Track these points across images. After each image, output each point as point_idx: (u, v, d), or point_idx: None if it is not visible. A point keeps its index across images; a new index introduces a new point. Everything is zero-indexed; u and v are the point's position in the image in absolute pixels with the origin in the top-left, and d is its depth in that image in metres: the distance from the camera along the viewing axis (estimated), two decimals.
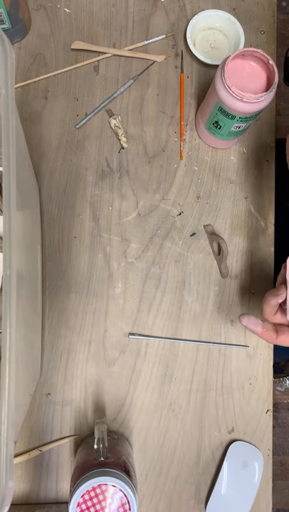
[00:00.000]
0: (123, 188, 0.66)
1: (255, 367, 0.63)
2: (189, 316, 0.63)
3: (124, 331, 0.62)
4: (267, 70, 0.55)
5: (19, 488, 0.59)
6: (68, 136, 0.67)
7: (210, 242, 0.65)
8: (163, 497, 0.60)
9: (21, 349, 0.41)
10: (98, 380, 0.61)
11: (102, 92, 0.68)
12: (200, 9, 0.71)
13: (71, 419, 0.60)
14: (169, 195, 0.66)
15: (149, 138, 0.67)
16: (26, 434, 0.60)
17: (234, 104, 0.54)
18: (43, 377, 0.61)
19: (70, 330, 0.62)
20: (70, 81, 0.68)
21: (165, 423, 0.61)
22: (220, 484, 0.59)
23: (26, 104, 0.67)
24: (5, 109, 0.35)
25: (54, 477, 0.59)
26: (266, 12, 0.72)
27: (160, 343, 0.62)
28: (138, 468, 0.60)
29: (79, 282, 0.63)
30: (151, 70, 0.69)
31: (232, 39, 0.69)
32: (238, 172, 0.67)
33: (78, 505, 0.46)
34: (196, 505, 0.60)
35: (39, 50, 0.68)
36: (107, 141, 0.67)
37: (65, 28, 0.70)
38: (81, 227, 0.64)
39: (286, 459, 1.44)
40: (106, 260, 0.64)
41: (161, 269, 0.64)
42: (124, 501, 0.47)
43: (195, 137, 0.68)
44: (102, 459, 0.49)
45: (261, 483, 0.60)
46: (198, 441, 0.61)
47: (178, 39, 0.70)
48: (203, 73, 0.70)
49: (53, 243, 0.64)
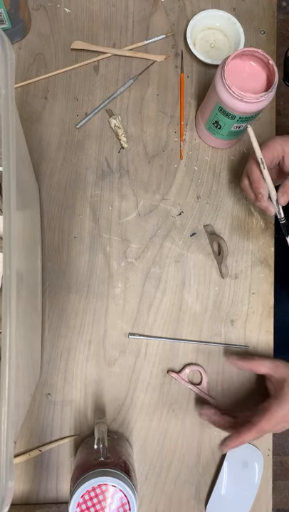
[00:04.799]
0: (123, 188, 0.66)
1: None
2: (189, 316, 0.63)
3: (124, 331, 0.62)
4: (267, 70, 0.55)
5: (19, 488, 0.59)
6: (68, 136, 0.67)
7: (210, 242, 0.65)
8: (163, 497, 0.60)
9: (21, 349, 0.41)
10: (98, 380, 0.61)
11: (102, 92, 0.68)
12: (200, 9, 0.71)
13: (71, 419, 0.60)
14: (169, 195, 0.66)
15: (149, 138, 0.67)
16: (26, 434, 0.59)
17: (234, 104, 0.54)
18: (43, 377, 0.61)
19: (70, 330, 0.62)
20: (70, 81, 0.68)
21: (165, 423, 0.61)
22: (220, 484, 0.59)
23: (26, 104, 0.67)
24: (5, 109, 0.35)
25: (54, 477, 0.59)
26: (266, 12, 0.72)
27: (160, 343, 0.62)
28: (138, 468, 0.60)
29: (79, 282, 0.63)
30: (151, 69, 0.69)
31: (232, 39, 0.69)
32: (238, 172, 0.67)
33: (78, 505, 0.46)
34: (196, 505, 0.60)
35: (39, 50, 0.68)
36: (107, 141, 0.67)
37: (65, 28, 0.69)
38: (81, 227, 0.64)
39: (286, 459, 1.44)
40: (106, 260, 0.64)
41: (161, 269, 0.64)
42: (124, 501, 0.47)
43: (195, 137, 0.68)
44: (102, 459, 0.49)
45: (261, 483, 0.60)
46: (198, 441, 0.61)
47: (178, 39, 0.70)
48: (203, 73, 0.70)
49: (53, 243, 0.64)
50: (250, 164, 0.54)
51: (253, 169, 0.53)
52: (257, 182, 0.53)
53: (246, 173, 0.55)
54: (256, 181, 0.53)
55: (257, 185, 0.53)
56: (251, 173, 0.54)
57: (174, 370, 0.62)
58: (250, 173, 0.54)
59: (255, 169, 0.53)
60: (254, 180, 0.53)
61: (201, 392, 0.61)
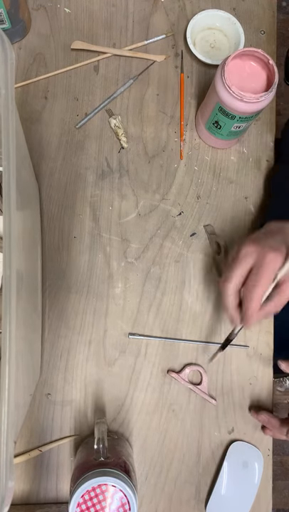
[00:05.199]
0: (123, 188, 0.66)
1: (255, 367, 0.63)
2: (189, 316, 0.63)
3: (124, 331, 0.62)
4: (267, 70, 0.55)
5: (19, 488, 0.59)
6: (68, 136, 0.67)
7: (210, 242, 0.65)
8: (163, 497, 0.60)
9: (21, 349, 0.41)
10: (98, 380, 0.61)
11: (102, 92, 0.68)
12: (200, 9, 0.71)
13: (71, 419, 0.60)
14: (169, 195, 0.66)
15: (149, 138, 0.67)
16: (26, 434, 0.59)
17: (234, 104, 0.54)
18: (43, 377, 0.61)
19: (70, 330, 0.62)
20: (70, 81, 0.68)
21: (165, 423, 0.61)
22: (220, 484, 0.59)
23: (26, 104, 0.67)
24: (5, 109, 0.35)
25: (54, 477, 0.59)
26: (266, 12, 0.72)
27: (160, 343, 0.62)
28: (138, 468, 0.60)
29: (79, 282, 0.63)
30: (151, 69, 0.69)
31: (232, 39, 0.69)
32: (238, 172, 0.67)
33: (78, 505, 0.46)
34: (196, 505, 0.60)
35: (39, 50, 0.68)
36: (107, 141, 0.67)
37: (65, 28, 0.69)
38: (81, 227, 0.64)
39: (286, 459, 1.44)
40: (106, 260, 0.64)
41: (161, 269, 0.64)
42: (124, 501, 0.47)
43: (195, 137, 0.68)
44: (102, 459, 0.49)
45: (261, 483, 0.60)
46: (198, 441, 0.61)
47: (178, 39, 0.70)
48: (203, 73, 0.70)
49: (53, 243, 0.64)
50: (227, 290, 0.51)
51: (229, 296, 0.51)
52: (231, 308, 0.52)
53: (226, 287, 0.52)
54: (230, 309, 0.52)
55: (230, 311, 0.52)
56: (226, 300, 0.51)
57: (174, 370, 0.62)
58: (226, 300, 0.51)
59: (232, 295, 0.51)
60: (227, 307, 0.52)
61: (201, 392, 0.61)
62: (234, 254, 0.51)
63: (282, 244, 0.49)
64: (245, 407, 0.62)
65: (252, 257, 0.49)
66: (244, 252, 0.50)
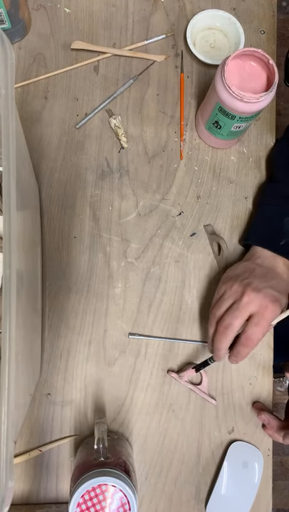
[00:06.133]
0: (123, 188, 0.66)
1: (255, 367, 0.63)
2: (189, 316, 0.63)
3: (124, 331, 0.62)
4: (267, 70, 0.55)
5: (19, 488, 0.59)
6: (68, 136, 0.67)
7: (210, 242, 0.65)
8: (163, 497, 0.60)
9: (21, 349, 0.41)
10: (98, 380, 0.61)
11: (102, 92, 0.68)
12: (200, 9, 0.71)
13: (71, 419, 0.60)
14: (169, 195, 0.66)
15: (149, 138, 0.67)
16: (26, 434, 0.59)
17: (234, 104, 0.54)
18: (43, 377, 0.61)
19: (70, 330, 0.62)
20: (70, 81, 0.68)
21: (165, 423, 0.61)
22: (220, 484, 0.59)
23: (26, 104, 0.67)
24: (5, 109, 0.35)
25: (54, 477, 0.59)
26: (266, 12, 0.72)
27: (160, 343, 0.62)
28: (138, 468, 0.60)
29: (79, 282, 0.63)
30: (151, 69, 0.69)
31: (232, 39, 0.69)
32: (238, 172, 0.67)
33: (78, 505, 0.46)
34: (196, 505, 0.60)
35: (39, 50, 0.68)
36: (107, 141, 0.67)
37: (65, 28, 0.69)
38: (81, 227, 0.64)
39: (286, 459, 1.44)
40: (106, 260, 0.64)
41: (161, 269, 0.64)
42: (124, 501, 0.47)
43: (195, 137, 0.68)
44: (102, 459, 0.49)
45: (261, 483, 0.60)
46: (198, 441, 0.61)
47: (178, 39, 0.70)
48: (203, 73, 0.70)
49: (53, 243, 0.64)
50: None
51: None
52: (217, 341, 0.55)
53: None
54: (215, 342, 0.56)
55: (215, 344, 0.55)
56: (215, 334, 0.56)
57: (174, 370, 0.62)
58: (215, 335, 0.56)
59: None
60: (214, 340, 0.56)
61: (201, 392, 0.61)
62: (219, 289, 0.57)
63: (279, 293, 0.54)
64: (245, 407, 0.62)
65: (233, 298, 0.54)
66: (228, 292, 0.55)
